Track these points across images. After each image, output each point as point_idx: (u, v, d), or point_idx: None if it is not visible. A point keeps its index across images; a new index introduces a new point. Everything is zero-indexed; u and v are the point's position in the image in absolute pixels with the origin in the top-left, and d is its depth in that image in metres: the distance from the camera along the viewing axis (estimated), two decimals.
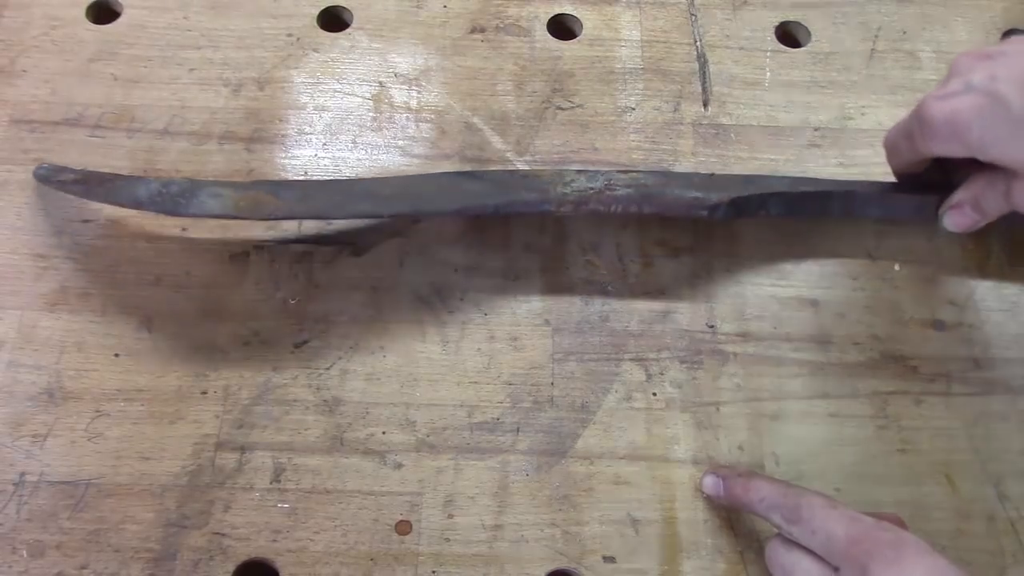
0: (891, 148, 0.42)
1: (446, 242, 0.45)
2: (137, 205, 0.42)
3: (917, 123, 0.39)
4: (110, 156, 0.47)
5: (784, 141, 0.49)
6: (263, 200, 0.41)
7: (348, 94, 0.50)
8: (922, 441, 0.41)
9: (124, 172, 0.47)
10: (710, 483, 0.39)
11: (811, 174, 0.47)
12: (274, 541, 0.39)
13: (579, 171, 0.44)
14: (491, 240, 0.45)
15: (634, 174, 0.44)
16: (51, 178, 0.44)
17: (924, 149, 0.39)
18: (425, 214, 0.42)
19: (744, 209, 0.42)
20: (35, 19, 0.52)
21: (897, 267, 0.45)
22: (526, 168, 0.47)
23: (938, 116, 0.37)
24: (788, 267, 0.45)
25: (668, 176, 0.45)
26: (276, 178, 0.47)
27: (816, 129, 0.49)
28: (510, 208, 0.42)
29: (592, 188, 0.42)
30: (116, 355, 0.42)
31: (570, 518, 0.39)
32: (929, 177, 0.42)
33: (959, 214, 0.41)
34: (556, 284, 0.45)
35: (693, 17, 0.53)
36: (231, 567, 0.38)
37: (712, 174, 0.45)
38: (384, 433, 0.41)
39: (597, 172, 0.44)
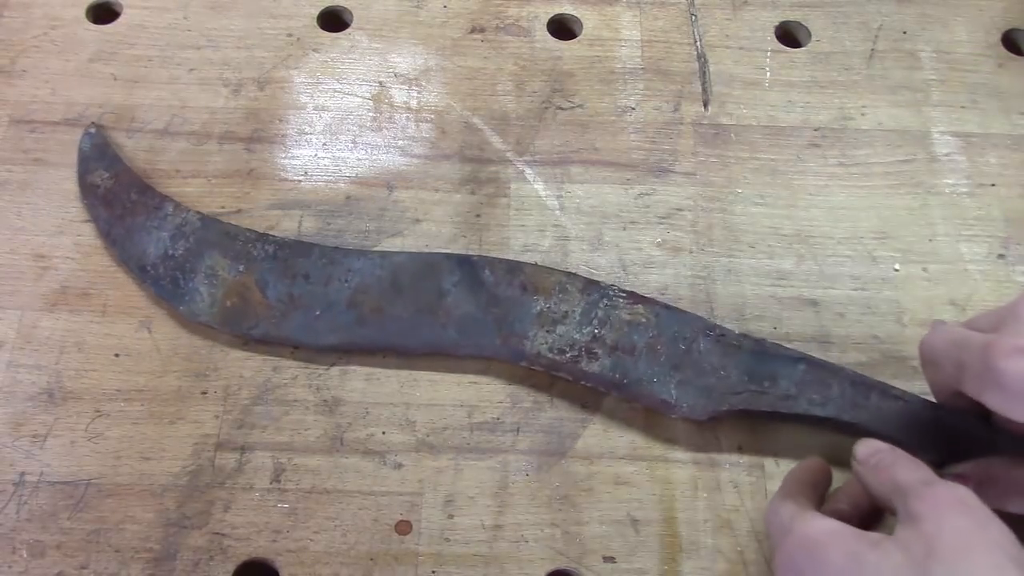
0: (930, 363, 0.36)
1: (445, 242, 0.45)
2: (141, 272, 0.43)
3: (982, 367, 0.32)
4: None
5: (784, 141, 0.49)
6: (250, 297, 0.42)
7: (348, 94, 0.50)
8: None
9: None
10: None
11: (811, 175, 0.47)
12: (274, 541, 0.39)
13: (583, 287, 0.41)
14: (490, 239, 0.45)
15: (639, 310, 0.40)
16: (87, 177, 0.45)
17: (977, 395, 0.33)
18: (393, 349, 0.41)
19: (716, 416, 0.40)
20: (35, 19, 0.52)
21: (897, 267, 0.45)
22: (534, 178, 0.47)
23: (1015, 374, 0.31)
24: (788, 267, 0.45)
25: (673, 319, 0.40)
26: (276, 179, 0.47)
27: (816, 129, 0.49)
28: (483, 354, 0.41)
29: (576, 342, 0.40)
30: (116, 355, 0.42)
31: (570, 518, 0.39)
32: (969, 407, 0.36)
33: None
34: None
35: (693, 17, 0.53)
36: (231, 567, 0.38)
37: (722, 333, 0.40)
38: (384, 433, 0.41)
39: (599, 298, 0.41)
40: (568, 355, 0.40)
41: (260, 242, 0.44)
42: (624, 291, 0.41)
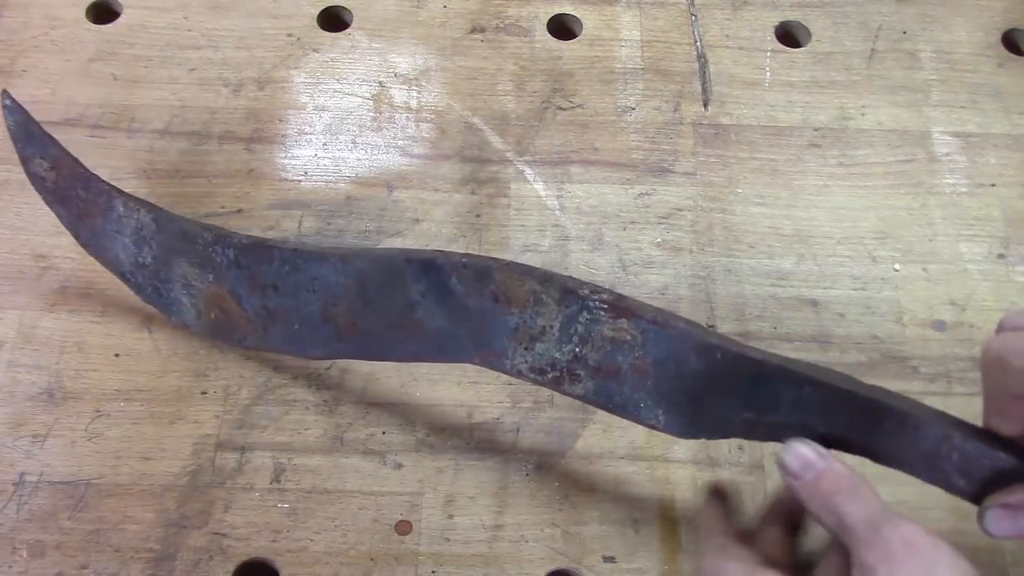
0: (998, 362, 0.29)
1: (445, 242, 0.45)
2: (123, 279, 0.42)
3: None
4: (110, 156, 0.47)
5: (784, 141, 0.49)
6: (230, 309, 0.41)
7: (348, 94, 0.50)
8: None
9: (124, 172, 0.47)
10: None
11: (811, 175, 0.47)
12: (274, 541, 0.39)
13: (560, 298, 0.35)
14: (490, 239, 0.45)
15: (623, 326, 0.34)
16: (29, 166, 0.42)
17: None
18: (375, 358, 0.40)
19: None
20: (35, 19, 0.52)
21: (897, 267, 0.45)
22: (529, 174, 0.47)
23: None
24: (788, 267, 0.45)
25: (660, 337, 0.34)
26: (276, 179, 0.47)
27: (816, 129, 0.49)
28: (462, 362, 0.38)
29: (557, 361, 0.35)
30: (116, 355, 0.42)
31: (570, 518, 0.39)
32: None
33: (1008, 518, 0.29)
34: None
35: (693, 17, 0.53)
36: (231, 567, 0.38)
37: (717, 353, 0.33)
38: (384, 433, 0.41)
39: (578, 310, 0.35)
40: (550, 375, 0.36)
41: (219, 245, 0.40)
42: (605, 301, 0.34)
